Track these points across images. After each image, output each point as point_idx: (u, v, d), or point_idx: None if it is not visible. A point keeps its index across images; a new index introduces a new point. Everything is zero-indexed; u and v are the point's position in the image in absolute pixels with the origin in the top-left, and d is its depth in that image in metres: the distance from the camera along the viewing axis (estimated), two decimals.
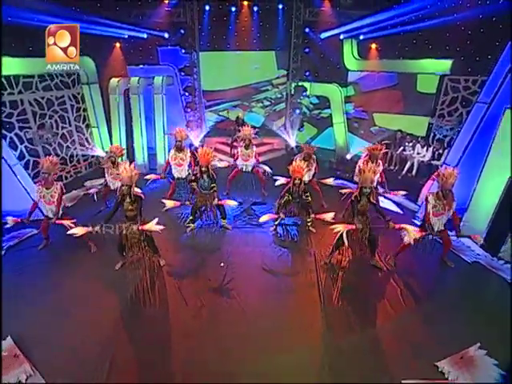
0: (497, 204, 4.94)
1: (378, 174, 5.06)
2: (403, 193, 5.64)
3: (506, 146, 4.60)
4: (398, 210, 6.42)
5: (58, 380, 2.97)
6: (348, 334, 3.52)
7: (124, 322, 3.66)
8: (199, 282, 4.28)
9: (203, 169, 4.92)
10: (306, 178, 5.56)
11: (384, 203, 6.45)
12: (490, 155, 4.90)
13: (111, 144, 8.50)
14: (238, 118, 8.70)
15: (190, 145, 8.14)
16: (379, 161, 5.30)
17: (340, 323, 3.66)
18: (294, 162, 4.99)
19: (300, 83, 9.18)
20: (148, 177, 6.00)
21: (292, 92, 9.41)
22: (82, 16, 6.83)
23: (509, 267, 4.55)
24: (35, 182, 5.08)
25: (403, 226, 4.23)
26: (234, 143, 8.51)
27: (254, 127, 6.90)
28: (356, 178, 5.41)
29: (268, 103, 10.72)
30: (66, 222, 4.34)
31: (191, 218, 5.32)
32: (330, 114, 9.78)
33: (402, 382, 2.92)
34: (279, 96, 10.55)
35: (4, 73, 5.84)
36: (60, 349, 3.30)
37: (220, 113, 10.90)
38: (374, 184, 4.72)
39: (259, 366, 3.14)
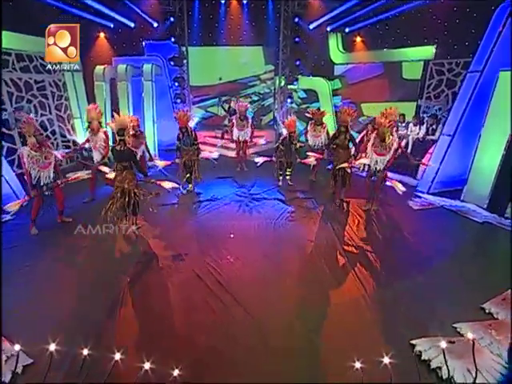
0: (498, 167, 5.05)
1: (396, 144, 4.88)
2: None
3: (504, 106, 4.76)
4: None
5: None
6: (387, 285, 3.30)
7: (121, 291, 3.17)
8: (214, 254, 3.89)
9: (183, 129, 5.52)
10: None
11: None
12: (488, 118, 5.07)
13: None
14: (229, 107, 8.58)
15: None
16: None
17: (373, 276, 3.43)
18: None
19: (291, 75, 9.27)
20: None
21: (283, 83, 9.46)
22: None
23: None
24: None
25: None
26: (225, 135, 8.37)
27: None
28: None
29: (256, 98, 10.73)
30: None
31: (186, 176, 5.77)
32: (319, 108, 9.92)
33: (453, 325, 2.69)
34: (267, 91, 10.61)
35: None
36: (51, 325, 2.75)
37: (208, 109, 10.76)
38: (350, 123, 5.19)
39: (287, 320, 2.80)
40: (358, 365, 2.21)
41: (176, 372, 2.11)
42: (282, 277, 3.45)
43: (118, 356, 2.25)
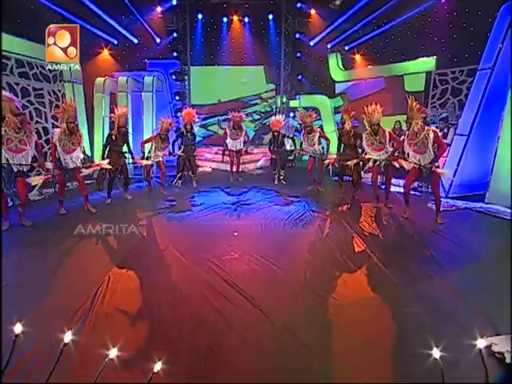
0: None
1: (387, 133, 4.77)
2: None
3: None
4: (416, 193, 6.04)
5: None
6: (422, 282, 2.71)
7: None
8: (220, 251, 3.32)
9: (187, 126, 5.83)
10: None
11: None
12: (506, 115, 4.79)
13: (91, 147, 7.77)
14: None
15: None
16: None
17: (404, 273, 2.84)
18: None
19: (292, 90, 9.30)
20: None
21: (284, 100, 9.46)
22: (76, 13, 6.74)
23: None
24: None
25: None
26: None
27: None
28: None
29: (258, 117, 10.71)
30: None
31: (179, 174, 6.14)
32: (321, 125, 9.82)
33: None
34: (268, 109, 10.62)
35: None
36: None
37: (208, 127, 10.68)
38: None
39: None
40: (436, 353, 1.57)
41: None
42: (293, 274, 2.86)
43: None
